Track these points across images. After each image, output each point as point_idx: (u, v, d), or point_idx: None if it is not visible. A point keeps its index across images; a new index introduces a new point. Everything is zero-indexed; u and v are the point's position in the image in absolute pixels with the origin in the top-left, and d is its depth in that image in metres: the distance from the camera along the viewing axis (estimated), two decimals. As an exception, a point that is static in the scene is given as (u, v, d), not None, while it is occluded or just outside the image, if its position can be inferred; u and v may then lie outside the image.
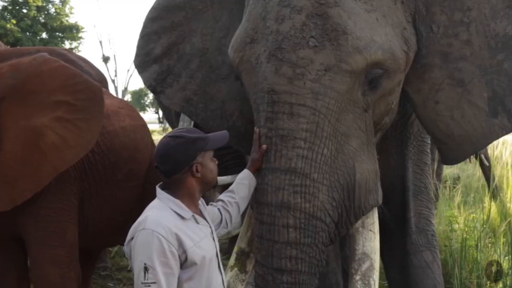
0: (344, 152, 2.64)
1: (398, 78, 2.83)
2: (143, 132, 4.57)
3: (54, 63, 3.62)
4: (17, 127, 3.43)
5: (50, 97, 3.52)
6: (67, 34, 26.82)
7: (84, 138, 3.60)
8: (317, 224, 2.56)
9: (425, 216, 3.63)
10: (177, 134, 2.39)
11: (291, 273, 2.54)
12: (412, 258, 3.58)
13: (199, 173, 2.38)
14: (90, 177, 3.94)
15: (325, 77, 2.56)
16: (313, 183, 2.55)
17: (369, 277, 2.72)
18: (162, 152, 2.35)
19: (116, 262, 6.65)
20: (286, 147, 2.56)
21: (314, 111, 2.56)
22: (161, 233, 2.19)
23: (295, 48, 2.58)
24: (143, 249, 2.19)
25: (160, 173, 2.38)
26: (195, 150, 2.36)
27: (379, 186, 2.83)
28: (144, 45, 3.72)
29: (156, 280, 2.15)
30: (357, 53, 2.56)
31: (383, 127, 3.03)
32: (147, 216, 2.26)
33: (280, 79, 2.59)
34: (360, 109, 2.71)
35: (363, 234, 2.82)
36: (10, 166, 3.38)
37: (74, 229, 3.80)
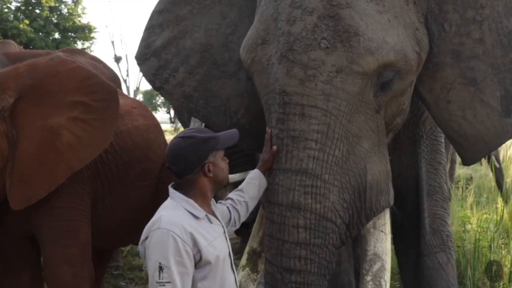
0: (355, 153, 2.63)
1: (410, 79, 2.81)
2: (156, 131, 4.58)
3: (71, 64, 3.65)
4: (34, 126, 3.45)
5: (66, 97, 3.55)
6: (80, 34, 26.91)
7: (99, 138, 3.62)
8: (328, 225, 2.55)
9: (440, 216, 3.60)
10: (187, 134, 2.38)
11: (299, 273, 2.53)
12: (426, 259, 3.56)
13: (211, 172, 2.38)
14: (103, 176, 3.96)
15: (336, 78, 2.55)
16: (324, 184, 2.54)
17: (380, 277, 2.71)
18: (173, 153, 2.35)
19: (128, 261, 6.67)
20: (297, 148, 2.56)
21: (326, 112, 2.56)
22: (176, 232, 2.19)
23: (307, 49, 2.57)
24: (158, 249, 2.19)
25: (172, 173, 2.38)
26: (207, 150, 2.36)
27: (391, 187, 2.82)
28: (147, 37, 3.71)
29: (171, 280, 2.16)
30: (369, 54, 2.55)
31: (394, 127, 3.02)
32: (161, 215, 2.26)
33: (292, 80, 2.58)
34: (371, 110, 2.70)
35: (374, 235, 2.82)
36: (26, 165, 3.40)
37: (87, 229, 3.82)
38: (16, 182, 3.39)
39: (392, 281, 5.15)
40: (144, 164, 4.26)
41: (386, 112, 2.81)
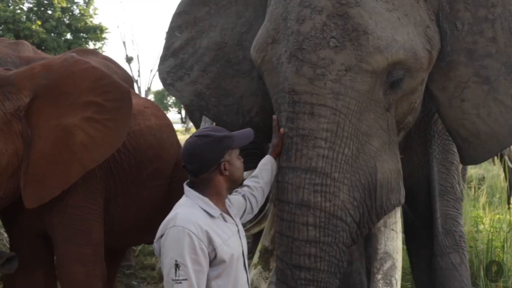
0: (365, 151, 2.63)
1: (421, 77, 2.81)
2: (168, 131, 4.59)
3: (85, 64, 3.68)
4: (48, 126, 3.48)
5: (80, 97, 3.58)
6: (91, 35, 27.04)
7: (112, 138, 3.64)
8: (338, 223, 2.56)
9: (452, 216, 3.59)
10: (203, 133, 2.39)
11: (309, 270, 2.55)
12: (439, 260, 3.55)
13: (227, 171, 2.39)
14: (116, 176, 3.97)
15: (345, 77, 2.56)
16: (334, 182, 2.55)
17: (391, 276, 2.71)
18: (189, 152, 2.35)
19: (140, 261, 6.69)
20: (306, 147, 2.57)
21: (335, 111, 2.57)
22: (192, 230, 2.19)
23: (316, 48, 2.58)
24: (174, 246, 2.19)
25: (187, 172, 2.39)
26: (223, 149, 2.37)
27: (402, 186, 2.81)
28: (167, 40, 3.77)
29: (188, 277, 2.16)
30: (378, 53, 2.55)
31: (406, 126, 3.01)
32: (177, 213, 2.26)
33: (301, 79, 2.60)
34: (381, 108, 2.70)
35: (385, 233, 2.82)
36: (40, 165, 3.43)
37: (100, 228, 3.83)
38: (30, 181, 3.41)
39: (403, 281, 5.16)
40: (156, 163, 4.27)
41: (397, 111, 2.81)
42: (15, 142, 3.37)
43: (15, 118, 3.37)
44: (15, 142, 3.37)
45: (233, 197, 2.62)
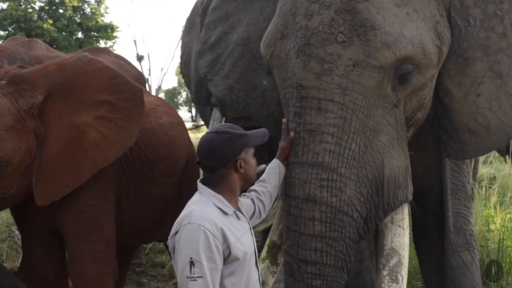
0: (373, 147, 2.63)
1: (430, 73, 2.81)
2: (180, 129, 4.60)
3: (98, 63, 3.71)
4: (61, 124, 3.50)
5: (93, 96, 3.60)
6: (102, 34, 27.15)
7: (124, 136, 3.66)
8: (344, 218, 2.57)
9: (463, 215, 3.58)
10: (221, 129, 2.39)
11: (315, 264, 2.56)
12: (450, 258, 3.54)
13: (242, 168, 2.40)
14: (128, 174, 3.99)
15: (353, 72, 2.57)
16: (340, 177, 2.56)
17: (397, 272, 2.69)
18: (208, 148, 2.35)
19: (150, 258, 6.71)
20: (313, 142, 2.58)
21: (342, 106, 2.57)
22: (207, 227, 2.19)
23: (323, 43, 2.59)
24: (189, 244, 2.18)
25: (203, 168, 2.39)
26: (240, 146, 2.38)
27: (410, 182, 2.81)
28: (204, 34, 3.88)
29: (203, 275, 2.16)
30: (385, 48, 2.56)
31: (415, 122, 3.01)
32: (192, 210, 2.26)
33: (308, 74, 2.61)
34: (389, 104, 2.69)
35: (392, 229, 2.80)
36: (53, 162, 3.46)
37: (112, 225, 3.85)
38: (42, 178, 3.44)
39: (415, 280, 5.15)
40: (168, 161, 4.28)
41: (406, 107, 2.81)
42: (29, 139, 3.39)
43: (28, 116, 3.40)
44: (29, 139, 3.39)
45: (242, 199, 2.63)
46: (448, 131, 3.10)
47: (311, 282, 2.56)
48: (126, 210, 4.05)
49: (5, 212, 7.78)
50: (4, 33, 24.93)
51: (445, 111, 3.05)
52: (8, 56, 4.24)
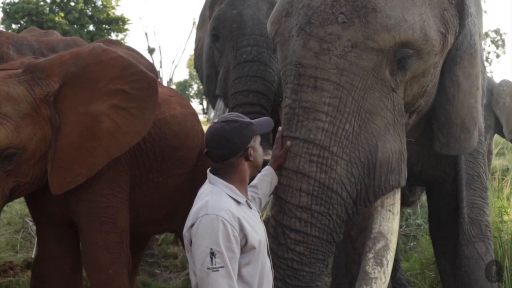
0: (367, 130, 2.65)
1: (433, 59, 2.81)
2: (193, 120, 4.60)
3: (113, 53, 3.71)
4: (76, 113, 3.52)
5: (108, 85, 3.61)
6: (114, 26, 27.19)
7: (138, 125, 3.67)
8: (332, 196, 2.59)
9: (478, 206, 3.57)
10: (230, 118, 2.38)
11: (299, 232, 2.58)
12: (464, 249, 3.53)
13: (251, 156, 2.39)
14: (141, 164, 4.00)
15: (351, 53, 2.59)
16: (332, 155, 2.59)
17: (382, 256, 2.71)
18: (218, 137, 2.33)
19: (163, 249, 6.75)
20: (307, 119, 2.62)
21: (338, 86, 2.60)
22: (225, 217, 2.18)
23: (324, 23, 2.62)
24: (208, 234, 2.16)
25: (213, 158, 2.37)
26: (250, 134, 2.38)
27: (404, 168, 2.82)
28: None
29: (224, 264, 2.14)
30: (385, 31, 2.57)
31: (418, 109, 3.00)
32: (207, 201, 2.24)
33: (307, 53, 2.64)
34: (387, 88, 2.70)
35: (381, 213, 2.82)
36: (67, 151, 3.47)
37: (126, 215, 3.86)
38: (57, 167, 3.46)
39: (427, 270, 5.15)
40: (181, 152, 4.29)
41: (406, 93, 2.82)
42: (44, 127, 3.41)
43: (44, 104, 3.42)
44: (44, 127, 3.41)
45: None
46: (441, 122, 3.11)
47: (294, 247, 2.58)
48: (139, 201, 4.07)
49: (19, 203, 7.87)
50: (16, 26, 25.06)
51: (446, 102, 3.05)
52: (15, 43, 4.23)
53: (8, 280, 5.24)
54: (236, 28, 4.51)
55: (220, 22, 4.61)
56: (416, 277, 5.12)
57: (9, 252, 6.32)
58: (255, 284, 2.31)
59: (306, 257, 2.58)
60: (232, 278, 2.17)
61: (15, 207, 8.02)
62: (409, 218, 7.41)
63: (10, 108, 3.27)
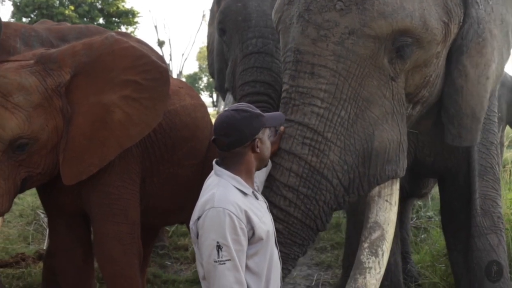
0: (364, 118, 2.66)
1: (434, 49, 2.80)
2: (203, 111, 4.60)
3: (125, 43, 3.70)
4: (87, 103, 3.52)
5: (119, 75, 3.60)
6: (123, 19, 27.23)
7: (149, 116, 3.66)
8: (322, 181, 2.59)
9: (491, 197, 3.54)
10: (240, 107, 2.37)
11: (282, 211, 2.59)
12: (476, 240, 3.51)
13: (258, 148, 2.37)
14: (152, 155, 4.00)
15: (348, 40, 2.61)
16: (325, 141, 2.60)
17: (377, 246, 2.70)
18: (227, 125, 2.31)
19: (173, 241, 6.77)
20: (303, 103, 2.64)
21: (335, 73, 2.61)
22: (232, 210, 2.17)
23: (322, 10, 2.64)
24: (214, 228, 2.16)
25: (220, 145, 2.35)
26: (259, 125, 2.36)
27: (402, 159, 2.81)
28: None
29: (231, 257, 2.14)
30: (382, 18, 2.57)
31: (422, 100, 2.99)
32: (213, 194, 2.24)
33: (305, 39, 2.67)
34: (386, 76, 2.70)
35: (378, 203, 2.81)
36: (79, 141, 3.47)
37: (137, 207, 3.86)
38: (68, 157, 3.46)
39: (437, 263, 5.13)
40: (191, 143, 4.29)
41: (408, 82, 2.82)
42: (56, 118, 3.42)
43: (56, 94, 3.42)
44: (56, 118, 3.42)
45: None
46: (451, 114, 3.09)
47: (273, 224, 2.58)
48: (150, 192, 4.07)
49: (30, 195, 7.92)
50: (26, 20, 25.15)
51: (455, 93, 3.03)
52: (22, 35, 4.19)
53: (21, 271, 5.29)
54: (241, 20, 4.52)
55: (226, 16, 4.61)
56: (427, 269, 5.10)
57: (21, 243, 6.36)
58: (263, 274, 2.31)
59: (283, 236, 2.59)
60: (239, 271, 2.17)
61: (26, 199, 8.07)
62: (420, 210, 7.38)
63: (22, 98, 3.28)
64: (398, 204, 2.88)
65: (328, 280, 5.26)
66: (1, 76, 3.30)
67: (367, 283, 2.62)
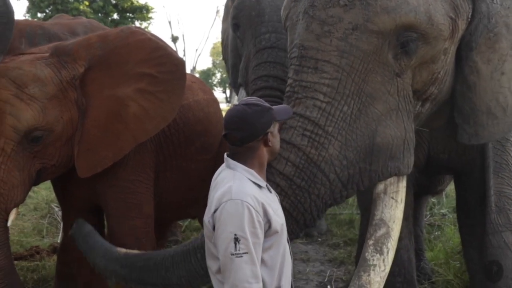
0: (367, 113, 2.64)
1: (441, 45, 2.77)
2: (215, 106, 4.61)
3: (141, 35, 3.68)
4: (102, 96, 3.52)
5: (134, 68, 3.59)
6: (137, 15, 27.30)
7: (165, 110, 3.65)
8: (318, 174, 2.57)
9: (506, 194, 3.51)
10: (251, 102, 2.34)
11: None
12: (491, 238, 3.48)
13: (270, 142, 2.36)
14: (166, 150, 4.00)
15: (352, 36, 2.60)
16: (326, 134, 2.59)
17: (382, 244, 2.67)
18: (240, 119, 2.29)
19: (187, 236, 6.77)
20: (305, 96, 2.64)
21: (338, 68, 2.61)
22: (250, 202, 2.16)
23: (326, 6, 2.65)
24: (232, 220, 2.14)
25: (233, 140, 2.32)
26: (270, 119, 2.34)
27: (407, 156, 2.78)
28: None
29: (248, 250, 2.13)
30: (385, 13, 2.57)
31: (430, 97, 2.95)
32: (230, 186, 2.21)
33: (309, 35, 2.68)
34: (390, 72, 2.69)
35: (383, 200, 2.78)
36: (93, 134, 3.49)
37: (150, 201, 3.88)
38: (83, 150, 3.48)
39: (451, 260, 5.09)
40: (204, 138, 4.30)
41: (415, 79, 2.80)
42: (71, 110, 3.43)
43: (70, 87, 3.44)
44: (71, 110, 3.43)
45: None
46: (465, 112, 3.06)
47: None
48: (164, 186, 4.08)
49: (44, 189, 7.97)
50: (41, 15, 25.30)
51: (468, 90, 3.00)
52: (28, 34, 4.16)
53: (35, 264, 5.32)
54: (255, 16, 4.51)
55: (240, 11, 4.61)
56: (441, 267, 5.06)
57: (35, 236, 6.41)
58: (277, 268, 2.29)
59: None
60: (256, 264, 2.16)
61: (41, 193, 8.13)
62: (434, 207, 7.33)
63: (37, 90, 3.31)
64: (404, 201, 2.85)
65: (341, 277, 5.25)
66: (16, 67, 3.33)
67: (371, 280, 2.59)
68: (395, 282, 3.65)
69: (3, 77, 3.28)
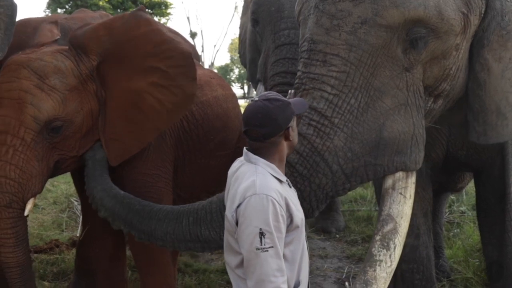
0: (375, 107, 2.65)
1: (453, 40, 2.75)
2: (234, 101, 4.60)
3: (146, 27, 3.62)
4: (120, 88, 3.54)
5: (144, 62, 3.58)
6: (156, 10, 27.42)
7: (181, 99, 3.63)
8: (320, 164, 2.58)
9: None
10: (271, 97, 2.31)
11: None
12: (510, 235, 3.49)
13: (291, 136, 2.34)
14: (185, 145, 4.01)
15: (360, 30, 2.62)
16: (332, 125, 2.60)
17: (389, 239, 2.66)
18: (262, 115, 2.25)
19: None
20: (313, 88, 2.66)
21: (346, 61, 2.63)
22: (274, 197, 2.15)
23: (336, 0, 2.68)
24: (257, 214, 2.13)
25: (256, 136, 2.29)
26: (291, 113, 2.32)
27: (415, 152, 2.76)
28: None
29: (274, 244, 2.12)
30: (394, 7, 2.57)
31: (443, 93, 2.93)
32: (254, 181, 2.20)
33: (319, 29, 2.71)
34: (399, 67, 2.69)
35: (392, 196, 2.77)
36: (116, 124, 3.52)
37: (170, 196, 3.88)
38: (109, 139, 3.52)
39: (471, 258, 5.05)
40: (223, 133, 4.30)
41: (426, 74, 2.79)
42: (90, 101, 3.46)
43: (89, 79, 3.47)
44: (90, 101, 3.46)
45: None
46: (475, 111, 3.03)
47: None
48: (182, 181, 4.09)
49: (64, 183, 8.06)
50: (61, 11, 25.50)
51: (478, 88, 2.98)
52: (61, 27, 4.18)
53: (54, 257, 5.38)
54: (274, 11, 4.51)
55: (259, 6, 4.61)
56: (460, 264, 5.03)
57: (55, 230, 6.48)
58: (297, 263, 2.29)
59: None
60: (281, 258, 2.16)
61: (60, 187, 8.21)
62: (453, 205, 7.27)
63: (58, 81, 3.34)
64: (413, 198, 2.83)
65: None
66: (38, 58, 3.36)
67: (377, 276, 2.58)
68: (414, 279, 3.63)
69: (24, 68, 3.31)
